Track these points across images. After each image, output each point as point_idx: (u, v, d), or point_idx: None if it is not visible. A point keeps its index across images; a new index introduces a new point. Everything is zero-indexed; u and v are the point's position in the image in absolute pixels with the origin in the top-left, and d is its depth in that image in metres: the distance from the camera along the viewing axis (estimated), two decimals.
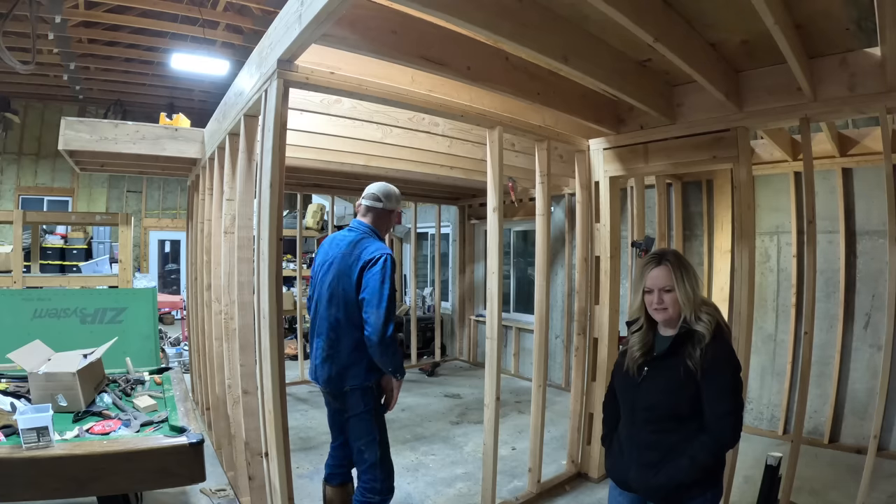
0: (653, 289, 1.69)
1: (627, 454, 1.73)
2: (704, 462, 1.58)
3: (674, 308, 1.66)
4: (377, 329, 2.15)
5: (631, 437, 1.73)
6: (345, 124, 3.20)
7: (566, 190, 5.53)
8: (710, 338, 1.60)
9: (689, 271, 1.68)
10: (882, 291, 3.62)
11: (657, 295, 1.67)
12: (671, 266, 1.67)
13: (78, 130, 3.51)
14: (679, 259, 1.71)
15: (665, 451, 1.62)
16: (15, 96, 9.09)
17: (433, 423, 4.59)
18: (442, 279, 7.46)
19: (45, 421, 1.90)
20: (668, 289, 1.66)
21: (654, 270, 1.69)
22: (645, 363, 1.71)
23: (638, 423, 1.71)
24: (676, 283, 1.65)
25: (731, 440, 1.62)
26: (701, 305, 1.66)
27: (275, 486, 2.13)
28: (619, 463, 1.77)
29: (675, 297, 1.65)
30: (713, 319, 1.63)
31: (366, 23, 1.91)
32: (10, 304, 3.90)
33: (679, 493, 1.62)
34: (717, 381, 1.58)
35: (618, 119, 3.33)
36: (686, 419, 1.62)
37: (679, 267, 1.68)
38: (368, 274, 2.22)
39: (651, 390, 1.67)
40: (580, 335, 3.52)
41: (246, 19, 6.54)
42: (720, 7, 2.07)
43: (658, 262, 1.70)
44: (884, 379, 2.60)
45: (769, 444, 3.94)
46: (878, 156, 3.55)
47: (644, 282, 1.71)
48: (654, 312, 1.70)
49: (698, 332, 1.61)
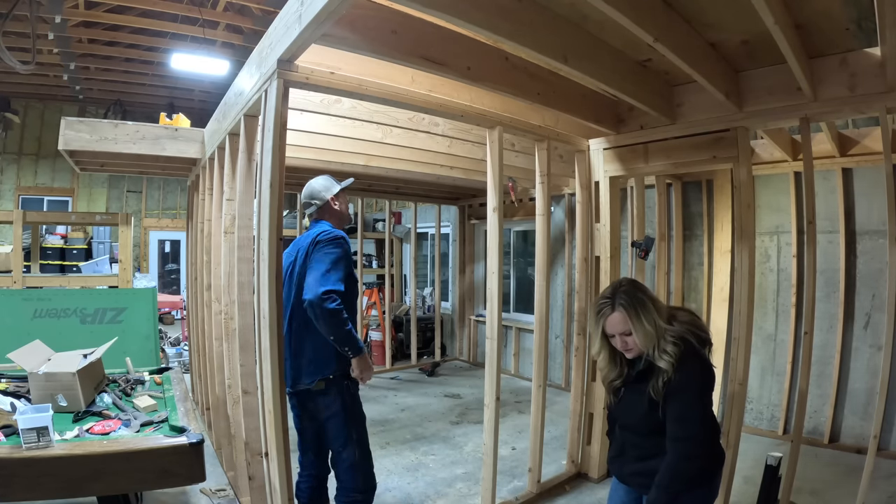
0: (613, 334, 1.68)
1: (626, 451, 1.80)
2: (675, 486, 1.58)
3: (637, 349, 1.66)
4: (309, 288, 2.10)
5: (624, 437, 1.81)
6: (345, 124, 3.21)
7: (566, 190, 5.53)
8: (675, 368, 1.58)
9: (647, 305, 1.64)
10: (882, 291, 3.62)
11: (619, 340, 1.68)
12: (625, 309, 1.64)
13: (78, 130, 3.51)
14: (632, 298, 1.65)
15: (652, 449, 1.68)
16: (15, 96, 9.09)
17: (433, 423, 4.59)
18: (442, 279, 7.46)
19: (45, 421, 1.90)
20: (626, 333, 1.65)
21: (609, 318, 1.67)
22: (622, 385, 1.77)
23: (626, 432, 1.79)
24: (633, 324, 1.62)
25: (685, 467, 1.58)
26: (665, 333, 1.62)
27: (275, 486, 2.13)
28: (617, 459, 1.84)
29: (635, 339, 1.64)
30: (678, 349, 1.59)
31: (366, 23, 1.91)
32: (10, 304, 3.91)
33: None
34: (673, 407, 1.59)
35: (618, 119, 3.33)
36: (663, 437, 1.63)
37: (633, 307, 1.63)
38: (317, 249, 2.23)
39: (627, 410, 1.74)
40: (580, 335, 3.52)
41: (246, 19, 6.54)
42: (720, 7, 2.07)
43: (612, 309, 1.66)
44: (884, 379, 2.61)
45: (769, 444, 3.94)
46: (878, 156, 3.55)
47: (601, 329, 1.71)
48: (625, 353, 1.71)
49: (660, 369, 1.60)
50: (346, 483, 2.28)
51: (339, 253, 2.21)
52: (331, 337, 2.14)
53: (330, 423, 2.27)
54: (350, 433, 2.25)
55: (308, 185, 2.50)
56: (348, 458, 2.26)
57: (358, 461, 2.26)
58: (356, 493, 2.27)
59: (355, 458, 2.25)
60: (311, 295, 2.09)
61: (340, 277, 2.16)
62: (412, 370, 6.52)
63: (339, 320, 2.11)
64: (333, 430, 2.27)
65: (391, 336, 6.69)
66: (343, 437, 2.25)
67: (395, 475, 3.48)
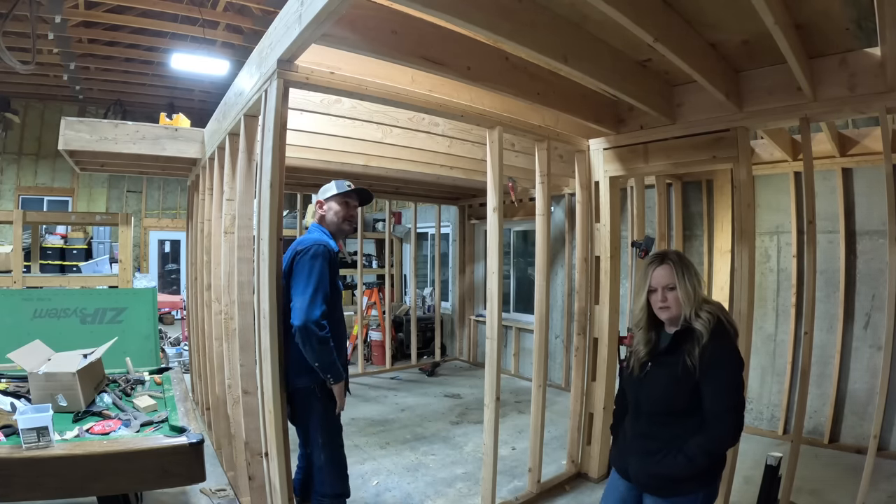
0: (657, 287, 1.72)
1: (630, 444, 1.80)
2: (700, 460, 1.61)
3: (676, 306, 1.69)
4: (298, 314, 2.09)
5: (634, 429, 1.80)
6: (345, 124, 3.21)
7: (566, 190, 5.53)
8: (710, 336, 1.62)
9: (691, 270, 1.72)
10: (882, 291, 3.62)
11: (661, 293, 1.71)
12: (673, 265, 1.71)
13: (78, 130, 3.51)
14: (681, 258, 1.75)
15: (664, 443, 1.67)
16: (15, 96, 9.09)
17: (433, 423, 4.59)
18: (442, 279, 7.46)
19: (45, 421, 1.90)
20: (671, 287, 1.70)
21: (658, 270, 1.73)
22: (649, 360, 1.77)
23: (641, 417, 1.77)
24: (678, 281, 1.69)
25: (729, 438, 1.63)
26: (702, 304, 1.68)
27: (275, 486, 2.13)
28: (622, 451, 1.85)
29: (678, 295, 1.68)
30: (713, 318, 1.65)
31: (366, 23, 1.91)
32: (10, 304, 3.91)
33: (673, 486, 1.67)
34: (715, 380, 1.60)
35: (618, 119, 3.33)
36: (684, 414, 1.65)
37: (681, 265, 1.71)
38: (297, 263, 2.21)
39: (653, 385, 1.73)
40: (580, 335, 3.52)
41: (246, 19, 6.54)
42: (720, 7, 2.07)
43: (661, 262, 1.74)
44: (884, 379, 2.60)
45: (769, 444, 3.94)
46: (878, 156, 3.55)
47: (648, 281, 1.75)
48: (659, 311, 1.73)
49: (697, 330, 1.64)
50: (316, 485, 2.33)
51: (315, 268, 2.17)
52: (315, 363, 2.15)
53: (307, 424, 2.31)
54: (316, 437, 2.28)
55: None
56: (316, 460, 2.30)
57: (324, 465, 2.28)
58: (324, 497, 2.30)
59: (321, 461, 2.28)
60: (299, 322, 2.09)
61: (324, 297, 2.15)
62: (412, 370, 6.52)
63: (326, 349, 2.14)
64: (307, 431, 2.32)
65: (391, 336, 6.69)
66: (311, 440, 2.30)
67: (395, 475, 3.48)
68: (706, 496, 1.69)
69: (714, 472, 1.71)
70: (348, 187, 2.47)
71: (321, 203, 2.46)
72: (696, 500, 1.67)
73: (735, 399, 1.62)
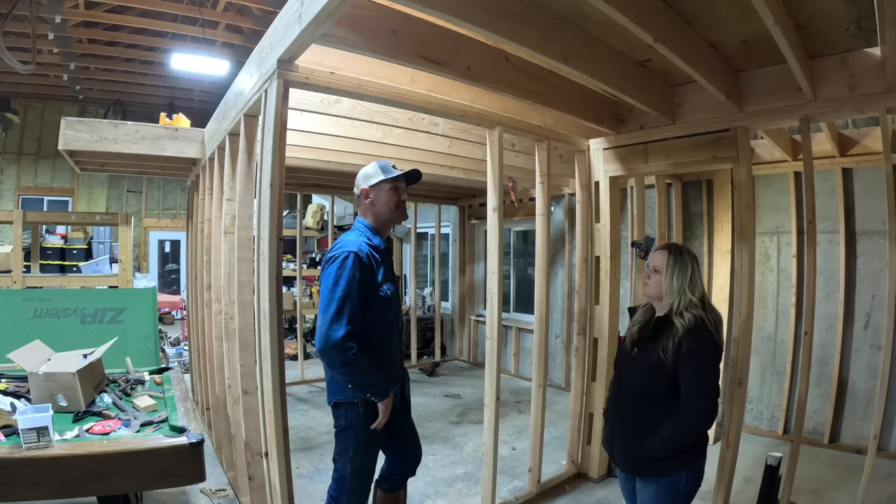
0: (650, 265, 1.91)
1: (615, 427, 1.90)
2: (672, 442, 1.69)
3: (655, 288, 1.84)
4: (318, 336, 1.90)
5: (617, 411, 1.90)
6: (345, 124, 3.20)
7: (566, 190, 5.53)
8: (686, 332, 1.71)
9: (685, 269, 1.81)
10: (882, 291, 3.61)
11: (650, 273, 1.87)
12: (669, 255, 1.85)
13: (78, 130, 3.51)
14: (681, 253, 1.85)
15: (641, 425, 1.77)
16: (15, 96, 9.09)
17: (433, 423, 4.59)
18: (442, 279, 7.46)
19: (45, 421, 1.90)
20: (657, 269, 1.86)
21: (658, 252, 1.90)
22: (638, 341, 1.89)
23: (623, 399, 1.88)
24: (666, 269, 1.82)
25: (700, 423, 1.71)
26: (689, 306, 1.77)
27: (275, 486, 2.13)
28: (608, 435, 1.95)
29: (660, 280, 1.82)
30: (695, 320, 1.73)
31: (366, 23, 1.91)
32: (10, 304, 3.91)
33: (652, 466, 1.75)
34: (690, 367, 1.70)
35: (618, 119, 3.32)
36: (661, 399, 1.74)
37: (675, 258, 1.83)
38: (322, 275, 2.02)
39: (634, 368, 1.85)
40: (580, 335, 3.52)
41: (246, 19, 6.55)
42: (720, 7, 2.07)
43: (664, 248, 1.91)
44: (884, 379, 2.61)
45: (769, 444, 3.95)
46: (878, 156, 3.55)
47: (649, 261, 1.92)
48: (644, 287, 1.91)
49: (674, 325, 1.74)
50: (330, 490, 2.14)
51: (342, 280, 1.92)
52: (348, 385, 1.98)
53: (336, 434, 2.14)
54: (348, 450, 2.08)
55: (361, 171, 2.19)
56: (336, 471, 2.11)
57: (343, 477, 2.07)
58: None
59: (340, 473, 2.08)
60: (319, 345, 1.89)
61: (350, 314, 1.90)
62: (412, 370, 6.51)
63: (354, 370, 1.91)
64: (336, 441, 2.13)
65: None
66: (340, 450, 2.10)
67: None
68: (689, 476, 1.74)
69: (695, 452, 1.76)
70: (394, 169, 2.15)
71: (366, 192, 2.12)
72: (679, 481, 1.73)
73: (708, 387, 1.71)
